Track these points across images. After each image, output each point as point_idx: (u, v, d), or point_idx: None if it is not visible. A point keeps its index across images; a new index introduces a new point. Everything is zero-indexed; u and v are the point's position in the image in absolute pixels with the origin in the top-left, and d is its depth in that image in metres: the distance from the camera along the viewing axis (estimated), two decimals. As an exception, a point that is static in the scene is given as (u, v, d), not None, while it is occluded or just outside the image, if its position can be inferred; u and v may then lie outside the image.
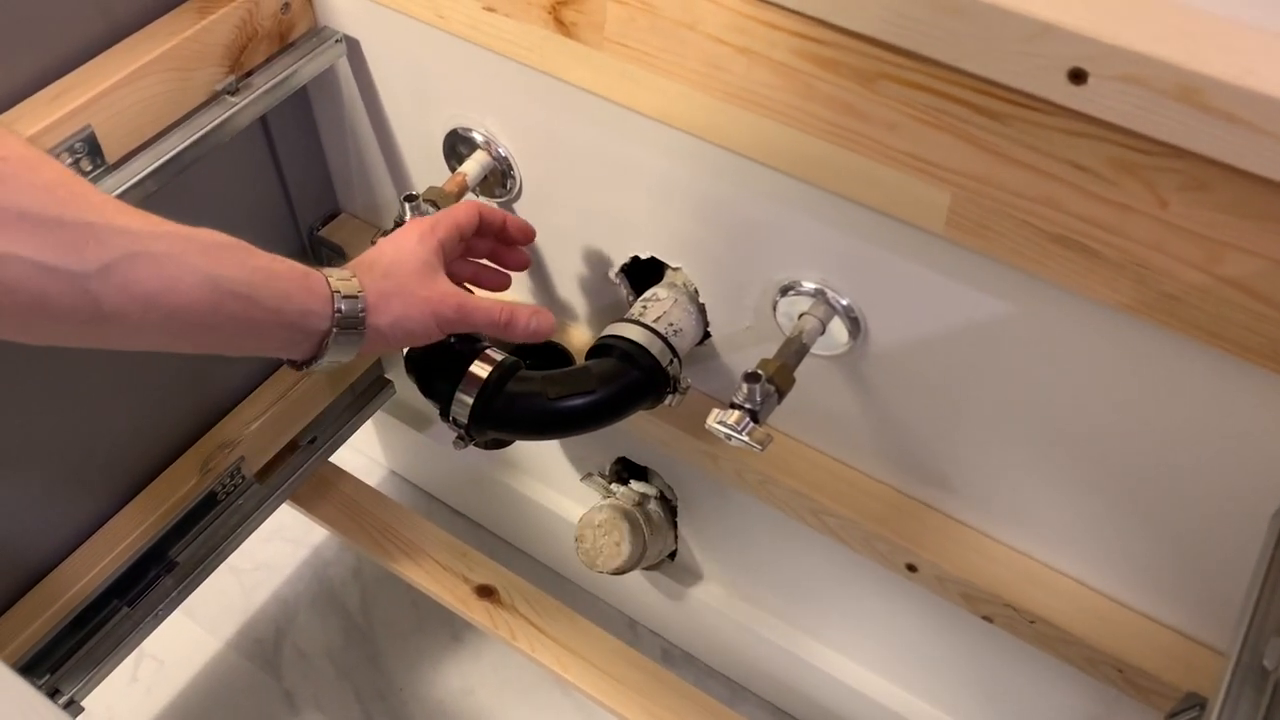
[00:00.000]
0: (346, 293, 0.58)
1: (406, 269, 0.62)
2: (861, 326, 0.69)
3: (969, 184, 0.55)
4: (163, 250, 0.50)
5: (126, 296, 0.49)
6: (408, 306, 0.61)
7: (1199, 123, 0.45)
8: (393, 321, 0.61)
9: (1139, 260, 0.53)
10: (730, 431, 0.64)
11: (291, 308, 0.56)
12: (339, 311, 0.58)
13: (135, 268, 0.49)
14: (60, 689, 0.88)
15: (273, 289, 0.55)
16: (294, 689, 1.17)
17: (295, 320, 0.57)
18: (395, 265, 0.62)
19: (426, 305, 0.62)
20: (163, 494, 0.90)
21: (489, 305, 0.65)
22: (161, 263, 0.50)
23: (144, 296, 0.50)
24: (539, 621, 1.00)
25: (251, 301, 0.54)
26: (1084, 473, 0.67)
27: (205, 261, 0.52)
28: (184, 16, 0.73)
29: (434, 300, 0.62)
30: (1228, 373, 0.55)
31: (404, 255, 0.63)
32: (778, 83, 0.58)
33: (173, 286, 0.50)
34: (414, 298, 0.62)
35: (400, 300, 0.61)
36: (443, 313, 0.62)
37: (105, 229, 0.48)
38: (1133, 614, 0.72)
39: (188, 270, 0.51)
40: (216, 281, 0.52)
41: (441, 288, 0.63)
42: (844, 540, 0.80)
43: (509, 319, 0.66)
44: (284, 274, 0.57)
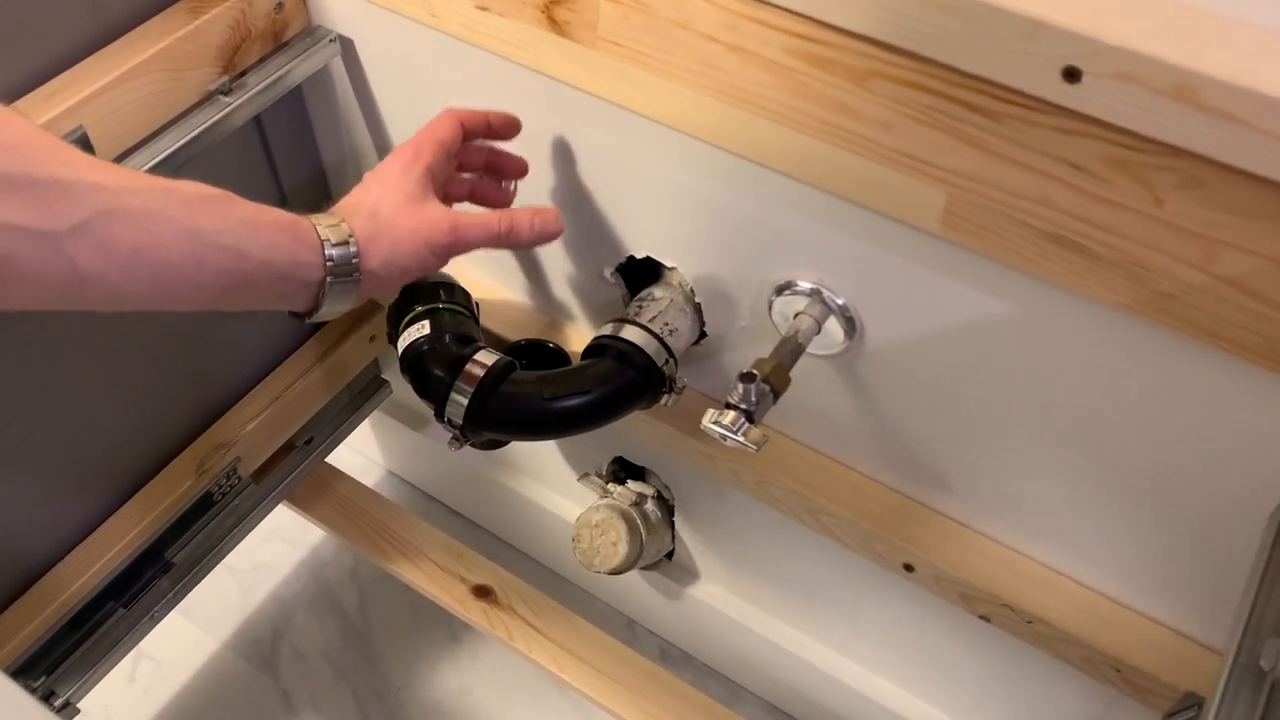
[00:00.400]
0: (336, 239, 0.57)
1: (392, 203, 0.60)
2: (857, 326, 0.69)
3: (964, 183, 0.55)
4: (140, 205, 0.48)
5: (105, 256, 0.47)
6: (397, 243, 0.59)
7: (1195, 121, 0.45)
8: (385, 260, 0.59)
9: (1135, 259, 0.52)
10: (725, 432, 0.63)
11: (281, 258, 0.55)
12: (330, 260, 0.56)
13: (112, 225, 0.47)
14: (56, 691, 0.88)
15: (259, 240, 0.54)
16: (291, 689, 1.17)
17: (286, 271, 0.55)
18: (381, 202, 0.60)
19: (416, 236, 0.60)
20: (158, 495, 0.90)
21: (485, 219, 0.62)
22: (139, 219, 0.48)
23: (124, 255, 0.48)
24: (536, 622, 1.00)
25: (238, 254, 0.52)
26: (1081, 472, 0.66)
27: (186, 214, 0.50)
28: (177, 16, 0.72)
29: (424, 230, 0.60)
30: (1225, 372, 0.55)
31: (389, 190, 0.61)
32: (771, 81, 0.57)
33: (153, 243, 0.49)
34: (402, 231, 0.59)
35: (389, 237, 0.59)
36: (435, 240, 0.60)
37: (77, 185, 0.46)
38: (1131, 613, 0.72)
39: (168, 225, 0.49)
40: (199, 235, 0.50)
41: (430, 214, 0.61)
42: (841, 540, 0.79)
43: (509, 227, 0.63)
44: (270, 223, 0.55)
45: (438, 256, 0.61)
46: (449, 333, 0.75)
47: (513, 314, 0.89)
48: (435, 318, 0.76)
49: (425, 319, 0.76)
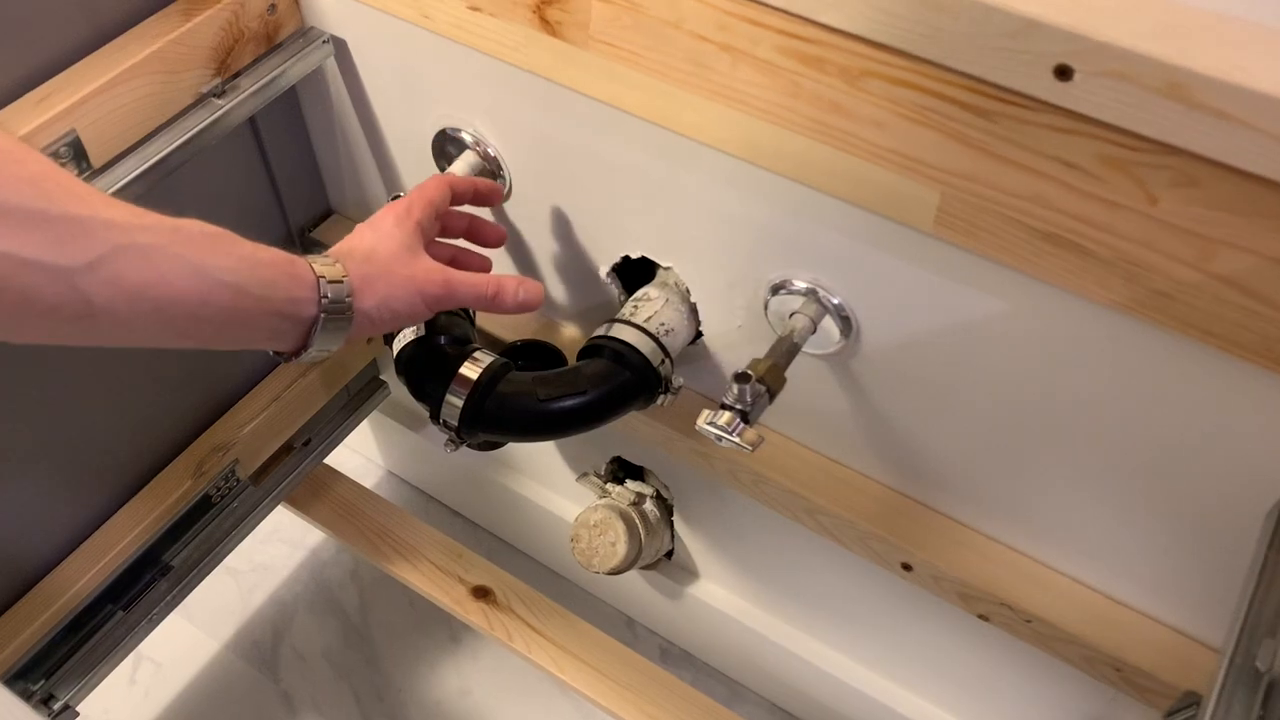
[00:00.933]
0: (331, 278, 0.58)
1: (387, 251, 0.62)
2: (853, 325, 0.68)
3: (958, 182, 0.55)
4: (150, 242, 0.49)
5: (115, 290, 0.48)
6: (392, 287, 0.61)
7: (1187, 119, 0.45)
8: (378, 303, 0.60)
9: (1130, 258, 0.52)
10: (720, 433, 0.63)
11: (278, 296, 0.56)
12: (325, 298, 0.57)
13: (123, 261, 0.48)
14: (55, 694, 0.88)
15: (259, 277, 0.55)
16: (292, 690, 1.17)
17: (282, 308, 0.56)
18: (376, 249, 0.62)
19: (411, 284, 0.62)
20: (157, 498, 0.90)
21: (475, 279, 0.65)
22: (149, 255, 0.49)
23: (133, 290, 0.49)
24: (535, 622, 1.00)
25: (239, 291, 0.53)
26: (1078, 470, 0.66)
27: (193, 252, 0.51)
28: (169, 19, 0.72)
29: (418, 279, 0.62)
30: (1221, 370, 0.54)
31: (383, 238, 0.63)
32: (763, 81, 0.57)
33: (162, 279, 0.50)
34: (398, 278, 0.61)
35: (384, 282, 0.61)
36: (428, 290, 0.62)
37: (93, 222, 0.47)
38: (1130, 612, 0.72)
39: (176, 262, 0.50)
40: (205, 272, 0.51)
41: (425, 265, 0.63)
42: (838, 539, 0.79)
43: (496, 290, 0.65)
44: (270, 262, 0.56)
45: (428, 306, 0.63)
46: (444, 334, 0.75)
47: (509, 314, 0.88)
48: (430, 319, 0.76)
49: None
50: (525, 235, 0.83)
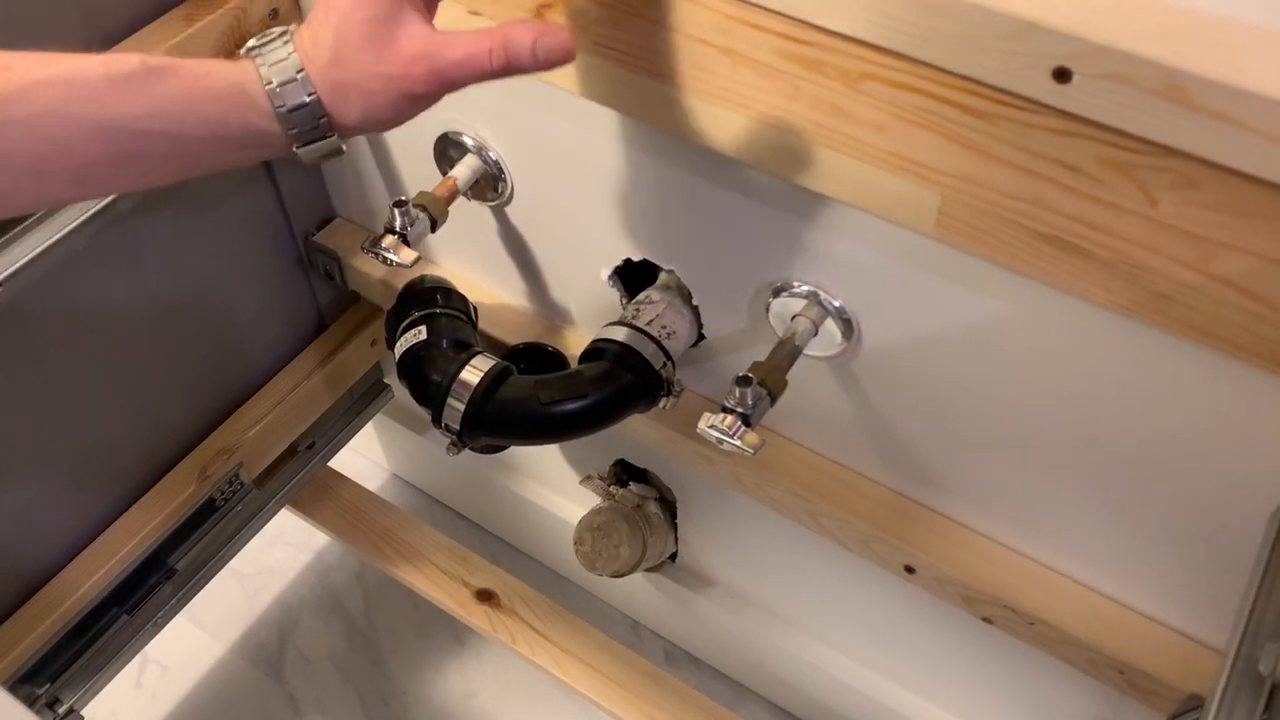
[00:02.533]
0: (293, 103, 0.47)
1: (354, 42, 0.48)
2: (854, 328, 0.68)
3: (958, 184, 0.55)
4: (33, 110, 0.42)
5: (7, 174, 0.42)
6: (369, 95, 0.48)
7: (1186, 121, 0.45)
8: (361, 118, 0.49)
9: (1131, 260, 0.52)
10: (722, 436, 0.63)
11: (231, 131, 0.47)
12: (292, 126, 0.47)
13: (8, 137, 0.42)
14: (60, 697, 0.88)
15: (196, 116, 0.46)
16: (297, 693, 1.17)
17: (245, 140, 0.47)
18: (341, 41, 0.48)
19: (390, 85, 0.48)
20: (161, 501, 0.90)
21: (468, 50, 0.49)
22: (36, 124, 0.42)
23: (30, 167, 0.43)
24: (539, 625, 1.00)
25: (174, 138, 0.45)
26: (1080, 473, 0.66)
27: (95, 108, 0.43)
28: (171, 24, 0.73)
29: (396, 75, 0.48)
30: (1223, 372, 0.54)
31: (347, 22, 0.48)
32: (763, 84, 0.57)
33: (62, 148, 0.43)
34: (374, 80, 0.48)
35: (358, 90, 0.48)
36: (411, 89, 0.49)
37: None
38: (1133, 615, 0.71)
39: (74, 123, 0.43)
40: (118, 127, 0.44)
41: (403, 53, 0.48)
42: (841, 542, 0.79)
43: (503, 60, 0.49)
44: (207, 93, 0.46)
45: (422, 104, 0.50)
46: (446, 338, 0.75)
47: (511, 318, 0.89)
48: (432, 323, 0.76)
49: (422, 324, 0.76)
50: (527, 238, 0.83)
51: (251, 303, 0.93)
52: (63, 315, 0.76)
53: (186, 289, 0.86)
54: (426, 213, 0.72)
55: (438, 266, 0.92)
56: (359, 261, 0.93)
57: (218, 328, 0.91)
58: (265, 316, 0.95)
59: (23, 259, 0.67)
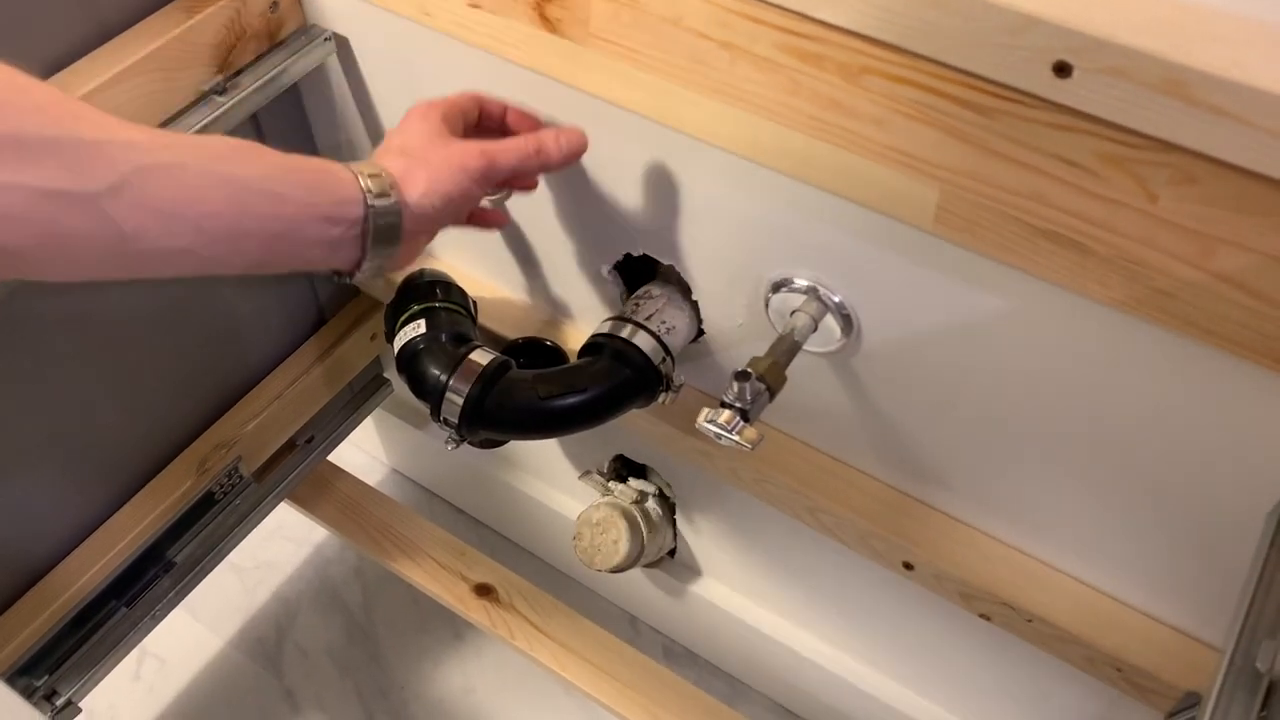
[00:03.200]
0: (370, 173, 0.57)
1: (419, 142, 0.61)
2: (854, 323, 0.68)
3: (957, 179, 0.54)
4: (174, 159, 0.48)
5: (145, 212, 0.47)
6: (433, 170, 0.60)
7: (1186, 116, 0.45)
8: (425, 190, 0.59)
9: (1130, 256, 0.52)
10: (720, 431, 0.63)
11: (322, 199, 0.54)
12: (369, 192, 0.56)
13: (149, 180, 0.47)
14: (58, 689, 0.88)
15: (298, 180, 0.53)
16: (295, 687, 1.17)
17: (329, 211, 0.54)
18: (408, 143, 0.61)
19: (450, 163, 0.60)
20: (160, 494, 0.90)
21: (513, 143, 0.63)
22: (176, 172, 0.48)
23: (165, 209, 0.48)
24: (537, 620, 1.00)
25: (278, 198, 0.52)
26: (1078, 469, 0.66)
27: (221, 165, 0.50)
28: (171, 16, 0.72)
29: (455, 157, 0.61)
30: (1222, 369, 0.54)
31: (412, 133, 0.62)
32: (762, 78, 0.57)
33: (192, 195, 0.48)
34: (436, 159, 0.60)
35: (424, 168, 0.59)
36: (469, 164, 0.61)
37: (110, 144, 0.46)
38: (1131, 612, 0.71)
39: (205, 175, 0.49)
40: (238, 182, 0.50)
41: (459, 145, 0.62)
42: (840, 538, 0.79)
43: (537, 147, 0.64)
44: (306, 167, 0.55)
45: (476, 182, 0.61)
46: (445, 331, 0.75)
47: (510, 312, 0.88)
48: (431, 316, 0.76)
49: (421, 318, 0.76)
50: (527, 232, 0.83)
51: (251, 296, 0.93)
52: (62, 309, 0.76)
53: (186, 282, 0.85)
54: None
55: (437, 261, 0.92)
56: (358, 255, 0.92)
57: (217, 321, 0.91)
58: (265, 310, 0.95)
59: (21, 251, 0.67)
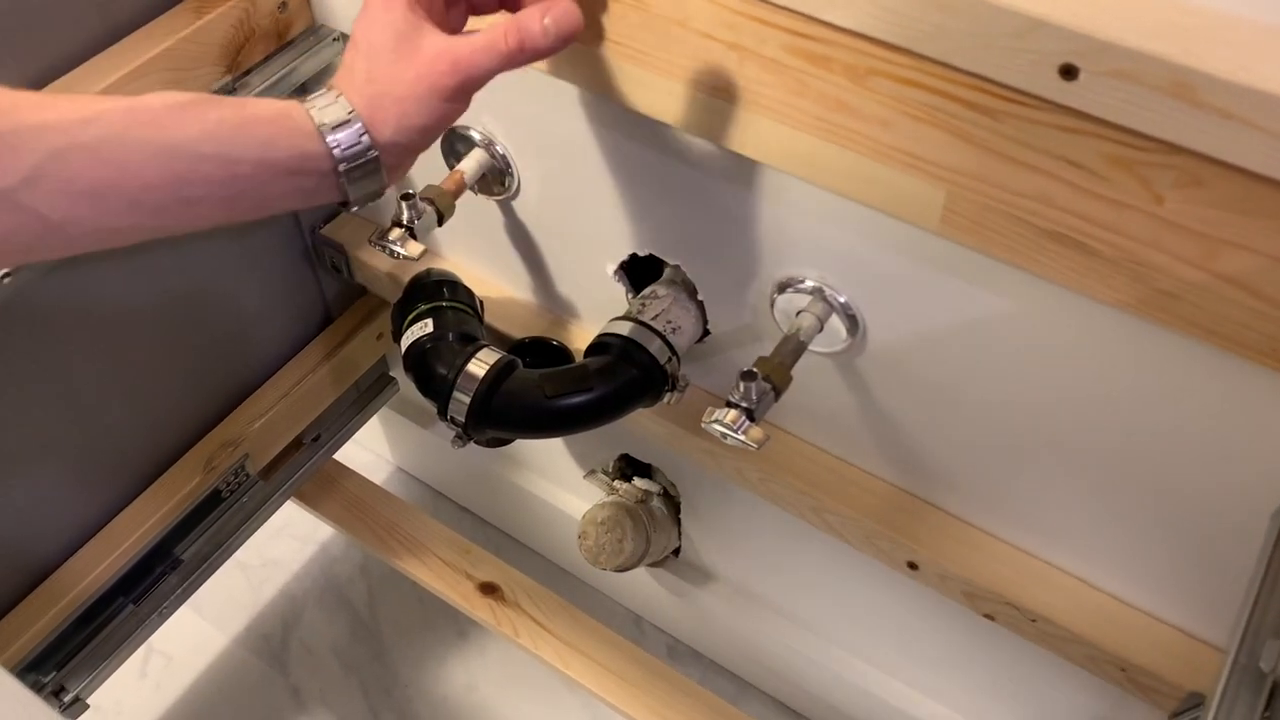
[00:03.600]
0: (335, 121, 0.50)
1: (383, 54, 0.51)
2: (859, 324, 0.68)
3: (963, 180, 0.55)
4: (96, 135, 0.44)
5: (70, 197, 0.44)
6: (401, 101, 0.51)
7: (1193, 119, 0.45)
8: (397, 127, 0.51)
9: (1135, 257, 0.52)
10: (726, 430, 0.63)
11: (279, 155, 0.49)
12: (337, 145, 0.50)
13: (69, 163, 0.44)
14: (66, 686, 0.89)
15: (247, 139, 0.48)
16: (300, 685, 1.18)
17: (291, 166, 0.49)
18: (372, 56, 0.52)
19: (420, 85, 0.51)
20: (167, 492, 0.91)
21: (488, 39, 0.52)
22: (99, 149, 0.44)
23: (91, 191, 0.44)
24: (542, 618, 1.00)
25: (226, 160, 0.47)
26: (1084, 470, 0.66)
27: (154, 132, 0.46)
28: (181, 16, 0.73)
29: (423, 74, 0.51)
30: (1227, 370, 0.54)
31: (375, 37, 0.52)
32: (769, 79, 0.57)
33: (123, 170, 0.45)
34: (404, 86, 0.51)
35: (392, 98, 0.51)
36: (439, 83, 0.52)
37: (19, 133, 0.43)
38: (1135, 612, 0.71)
39: (133, 148, 0.45)
40: (174, 149, 0.46)
41: (426, 53, 0.51)
42: (845, 538, 0.79)
43: (518, 41, 0.52)
44: (257, 118, 0.49)
45: (453, 102, 0.52)
46: (452, 331, 0.75)
47: (516, 312, 0.89)
48: (438, 316, 0.76)
49: (428, 317, 0.76)
50: (533, 233, 0.83)
51: (258, 295, 0.94)
52: (70, 307, 0.77)
53: (194, 281, 0.86)
54: (433, 206, 0.72)
55: (444, 260, 0.92)
56: (365, 255, 0.93)
57: (225, 320, 0.92)
58: (272, 309, 0.96)
59: (31, 250, 0.68)
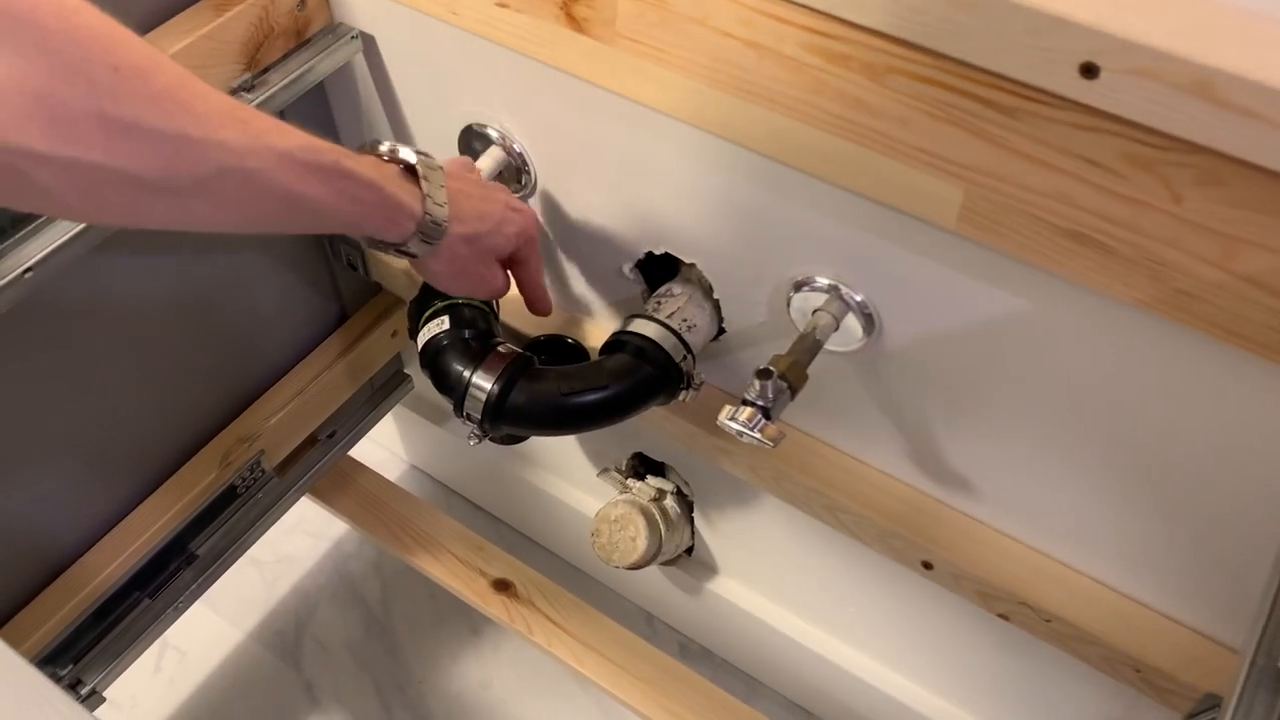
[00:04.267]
0: (437, 220, 0.62)
1: (483, 248, 0.68)
2: (876, 322, 0.68)
3: (981, 179, 0.55)
4: (256, 167, 0.51)
5: (211, 204, 0.51)
6: (465, 279, 0.69)
7: (1213, 117, 0.45)
8: (452, 272, 0.67)
9: (1154, 256, 0.52)
10: (742, 429, 0.63)
11: (365, 226, 0.60)
12: (418, 236, 0.62)
13: (226, 183, 0.50)
14: (83, 679, 0.89)
15: (351, 213, 0.58)
16: (314, 680, 1.18)
17: (364, 233, 0.61)
18: (477, 242, 0.67)
19: (474, 281, 0.70)
20: (183, 487, 0.91)
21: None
22: (253, 180, 0.52)
23: (229, 207, 0.52)
24: (555, 616, 1.00)
25: (324, 218, 0.57)
26: (1100, 470, 0.66)
27: (293, 181, 0.53)
28: (201, 14, 0.73)
29: (485, 281, 0.70)
30: (1246, 370, 0.54)
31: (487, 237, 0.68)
32: (787, 77, 0.57)
33: (258, 201, 0.53)
34: (472, 272, 0.68)
35: (462, 265, 0.67)
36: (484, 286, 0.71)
37: (204, 144, 0.49)
38: (1151, 613, 0.71)
39: (273, 188, 0.53)
40: (299, 202, 0.54)
41: (496, 273, 0.71)
42: (859, 537, 0.79)
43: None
44: (371, 202, 0.59)
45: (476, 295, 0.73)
46: (468, 328, 0.75)
47: (532, 309, 0.89)
48: (455, 313, 0.77)
49: (445, 314, 0.76)
50: (549, 231, 0.83)
51: (274, 293, 0.94)
52: (88, 303, 0.77)
53: (211, 278, 0.87)
54: (450, 203, 0.72)
55: (459, 258, 0.93)
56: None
57: (241, 317, 0.92)
58: (288, 306, 0.96)
59: (49, 246, 0.68)
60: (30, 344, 0.74)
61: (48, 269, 0.69)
